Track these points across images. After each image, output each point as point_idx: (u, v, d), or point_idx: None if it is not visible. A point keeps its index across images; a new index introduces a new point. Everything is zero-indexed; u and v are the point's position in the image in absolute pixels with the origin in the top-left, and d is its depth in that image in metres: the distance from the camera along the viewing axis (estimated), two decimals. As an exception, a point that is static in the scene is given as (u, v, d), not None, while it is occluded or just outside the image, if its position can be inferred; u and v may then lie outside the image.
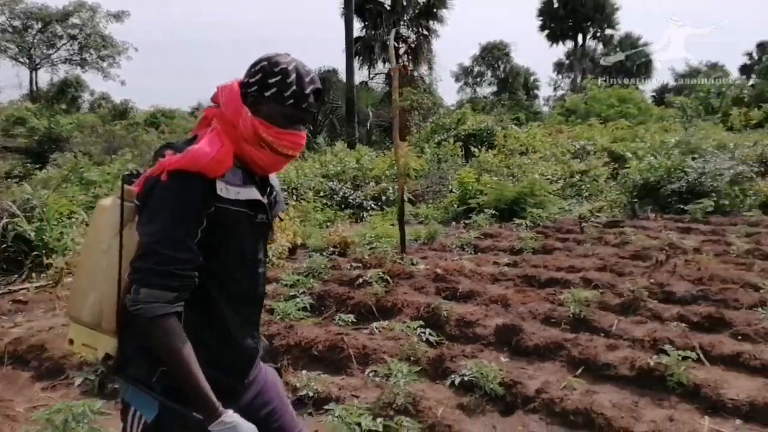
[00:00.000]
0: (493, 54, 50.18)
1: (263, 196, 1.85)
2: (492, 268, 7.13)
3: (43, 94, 40.07)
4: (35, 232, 7.64)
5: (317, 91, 1.81)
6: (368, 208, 12.23)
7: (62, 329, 5.16)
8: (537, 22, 49.42)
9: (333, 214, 11.83)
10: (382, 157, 15.64)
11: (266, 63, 1.77)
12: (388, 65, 34.82)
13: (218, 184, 1.67)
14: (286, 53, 1.79)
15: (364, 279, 5.95)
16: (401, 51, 34.47)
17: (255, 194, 1.78)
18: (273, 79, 1.75)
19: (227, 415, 1.64)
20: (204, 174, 1.65)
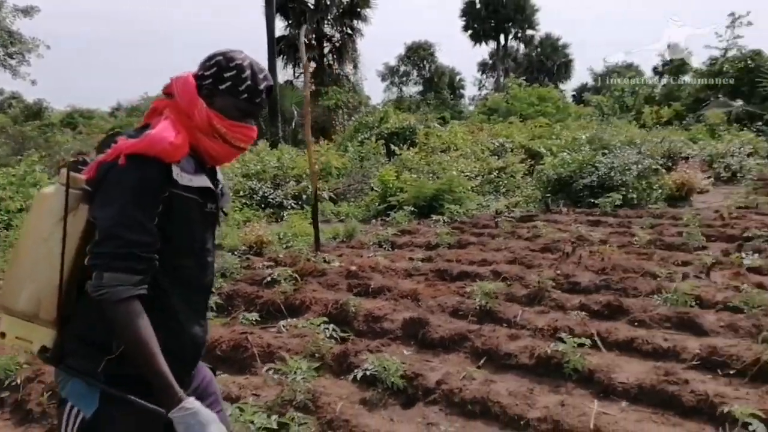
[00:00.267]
0: (419, 54, 50.60)
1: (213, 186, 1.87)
2: (406, 263, 7.18)
3: (-53, 93, 37.94)
4: None
5: (269, 87, 1.85)
6: (288, 207, 12.10)
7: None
8: (461, 22, 50.33)
9: (252, 214, 11.64)
10: (303, 155, 15.48)
11: (222, 58, 1.79)
12: (313, 64, 34.71)
13: (174, 169, 1.67)
14: (239, 50, 1.83)
15: (272, 278, 5.87)
16: (326, 50, 34.37)
17: (206, 182, 1.79)
18: (228, 74, 1.78)
19: (188, 401, 1.61)
20: (161, 158, 1.64)
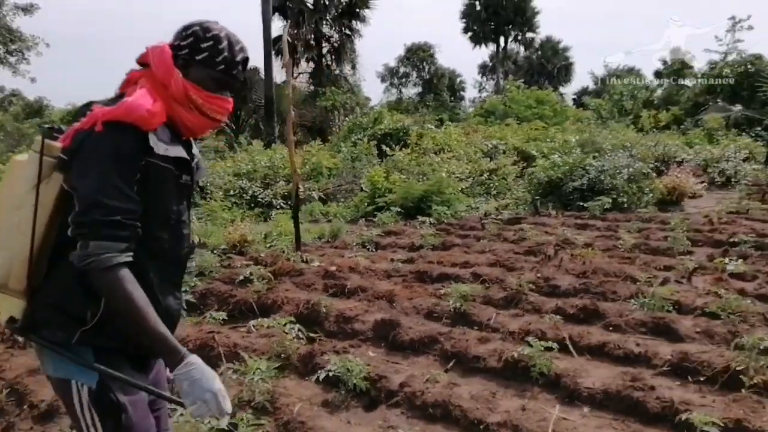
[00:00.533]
0: (418, 55, 50.48)
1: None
2: (387, 264, 7.12)
3: (-53, 90, 37.86)
4: None
5: (246, 60, 1.83)
6: (277, 207, 12.04)
7: None
8: (461, 24, 50.24)
9: (241, 213, 11.59)
10: (295, 155, 15.41)
11: (198, 28, 1.77)
12: (312, 64, 34.68)
13: (150, 138, 1.65)
14: (215, 21, 1.81)
15: (245, 277, 5.82)
16: (324, 50, 34.31)
17: (182, 153, 1.77)
18: (205, 44, 1.75)
19: (191, 357, 1.61)
20: (138, 126, 1.62)
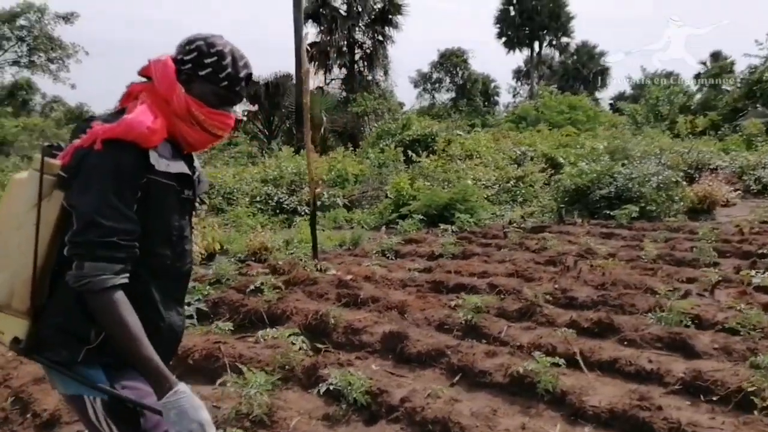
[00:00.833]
0: (451, 60, 50.36)
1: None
2: (403, 273, 7.07)
3: (-8, 96, 39.02)
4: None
5: (249, 75, 1.81)
6: (302, 214, 12.08)
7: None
8: (495, 29, 49.97)
9: (266, 220, 11.66)
10: (323, 161, 15.49)
11: (202, 43, 1.74)
12: (344, 70, 34.86)
13: (151, 155, 1.63)
14: (219, 35, 1.78)
15: (255, 286, 5.82)
16: (357, 56, 34.45)
17: (184, 168, 1.76)
18: (209, 60, 1.73)
19: (180, 385, 1.59)
20: (138, 143, 1.60)
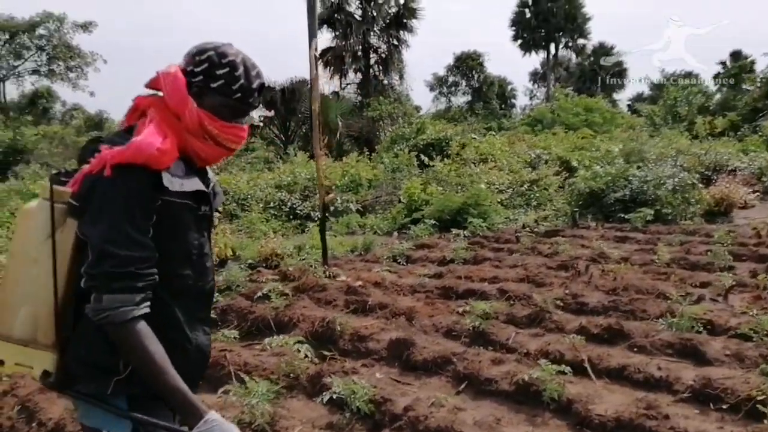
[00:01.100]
0: (467, 64, 50.20)
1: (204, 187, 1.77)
2: (413, 279, 7.03)
3: (13, 105, 39.62)
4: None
5: (262, 86, 1.75)
6: (315, 219, 12.07)
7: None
8: (510, 32, 49.74)
9: (280, 226, 11.69)
10: (338, 166, 15.49)
11: (213, 53, 1.68)
12: (359, 75, 34.91)
13: (164, 177, 1.57)
14: (230, 43, 1.72)
15: (263, 293, 5.82)
16: (372, 61, 34.48)
17: (199, 185, 1.70)
18: (221, 71, 1.67)
19: (211, 414, 1.54)
20: (149, 166, 1.54)
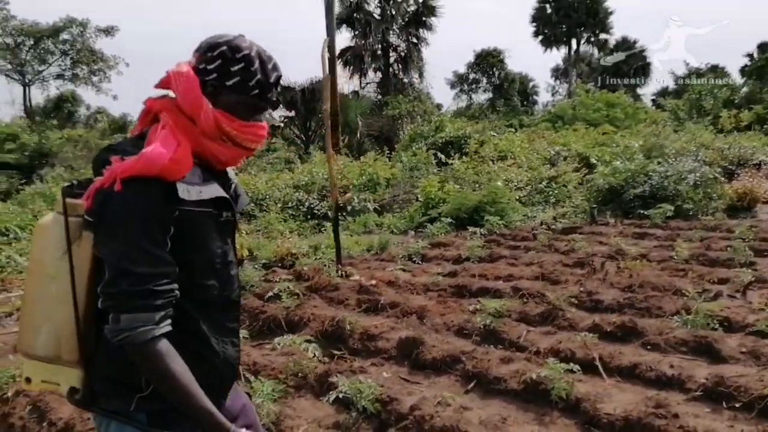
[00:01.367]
0: (488, 61, 49.96)
1: (225, 191, 1.69)
2: (427, 278, 7.00)
3: (39, 109, 40.31)
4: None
5: (279, 78, 1.67)
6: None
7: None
8: (531, 28, 49.39)
9: (297, 226, 11.72)
10: (350, 166, 15.48)
11: (226, 48, 1.59)
12: (379, 74, 34.91)
13: (179, 187, 1.50)
14: (242, 35, 1.63)
15: (274, 293, 5.83)
16: (391, 60, 34.47)
17: (219, 191, 1.63)
18: (236, 67, 1.59)
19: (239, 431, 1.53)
20: (163, 178, 1.47)
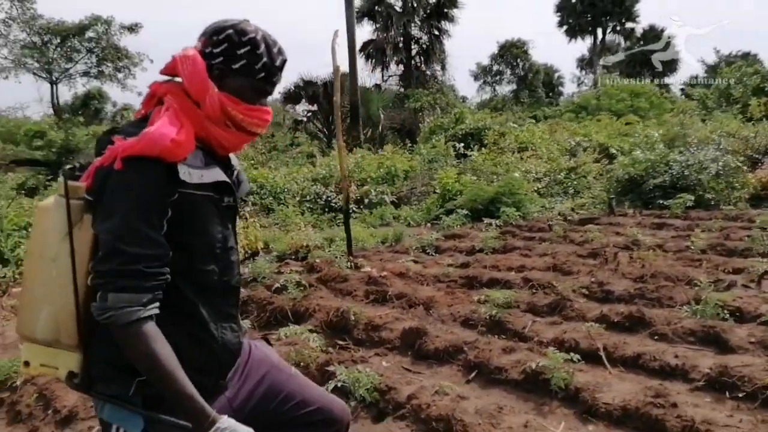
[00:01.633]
0: (512, 52, 49.52)
1: (227, 177, 1.69)
2: (438, 269, 6.98)
3: (66, 107, 40.96)
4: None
5: (284, 62, 1.68)
6: (350, 211, 12.10)
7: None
8: (556, 18, 48.81)
9: (315, 218, 11.75)
10: (375, 158, 15.47)
11: (232, 31, 1.60)
12: (401, 67, 34.81)
13: (180, 169, 1.50)
14: (247, 20, 1.64)
15: (280, 284, 5.86)
16: (413, 52, 34.34)
17: (220, 175, 1.63)
18: (242, 50, 1.59)
19: (222, 420, 1.50)
20: (164, 159, 1.47)
